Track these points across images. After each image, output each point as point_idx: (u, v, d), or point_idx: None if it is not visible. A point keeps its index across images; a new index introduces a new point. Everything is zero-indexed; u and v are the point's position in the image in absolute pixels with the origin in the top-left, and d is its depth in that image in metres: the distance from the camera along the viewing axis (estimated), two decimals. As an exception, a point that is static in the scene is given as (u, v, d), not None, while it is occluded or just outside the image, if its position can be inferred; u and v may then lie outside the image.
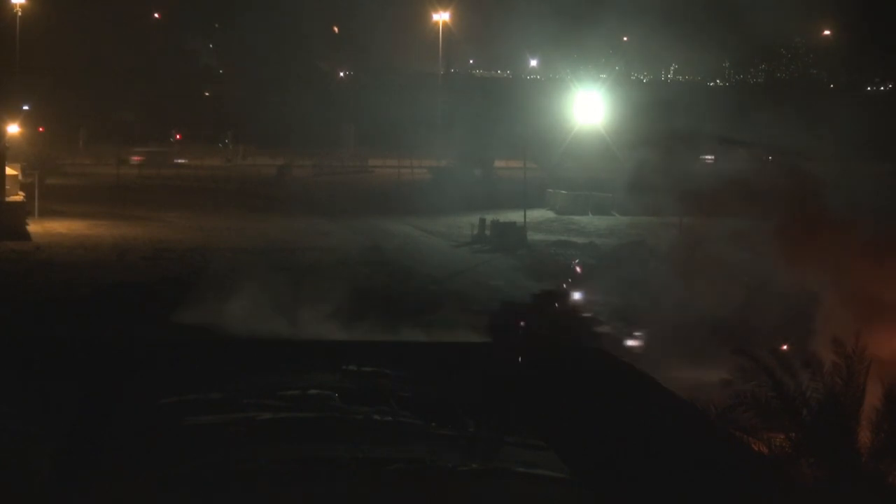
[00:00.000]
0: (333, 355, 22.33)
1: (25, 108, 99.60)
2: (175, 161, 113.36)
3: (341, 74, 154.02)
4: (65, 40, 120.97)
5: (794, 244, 52.00)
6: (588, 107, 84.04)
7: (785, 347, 22.09)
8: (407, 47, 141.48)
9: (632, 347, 44.89)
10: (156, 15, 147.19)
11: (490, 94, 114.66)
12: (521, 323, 45.11)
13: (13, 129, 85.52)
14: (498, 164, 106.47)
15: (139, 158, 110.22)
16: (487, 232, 75.51)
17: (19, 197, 78.57)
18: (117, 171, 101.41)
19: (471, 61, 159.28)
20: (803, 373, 19.50)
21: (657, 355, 40.94)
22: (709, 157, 78.74)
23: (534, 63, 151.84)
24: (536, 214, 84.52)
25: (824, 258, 44.67)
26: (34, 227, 74.29)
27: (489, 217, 77.15)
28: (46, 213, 77.88)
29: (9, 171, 79.41)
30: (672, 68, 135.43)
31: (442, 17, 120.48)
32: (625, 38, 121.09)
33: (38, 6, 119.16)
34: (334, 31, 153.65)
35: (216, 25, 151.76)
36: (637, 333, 46.48)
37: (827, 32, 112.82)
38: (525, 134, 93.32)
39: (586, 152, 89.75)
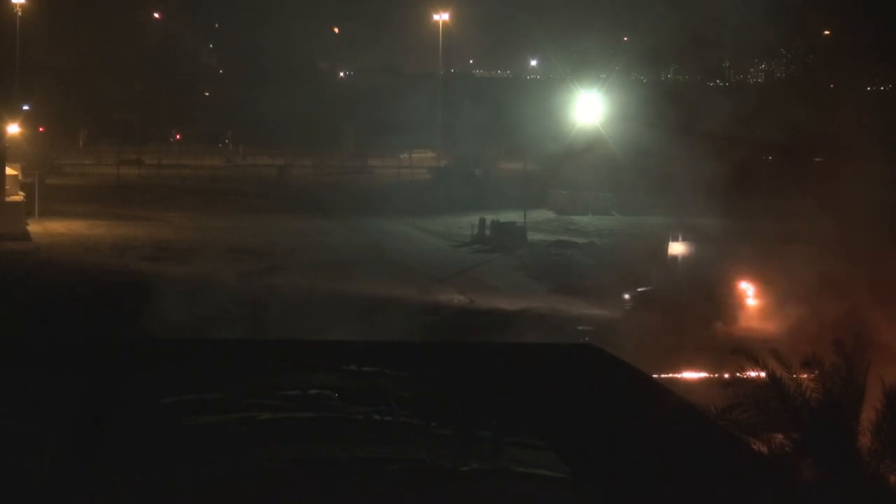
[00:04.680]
0: (333, 355, 22.31)
1: (25, 108, 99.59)
2: None
3: (341, 74, 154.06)
4: (65, 40, 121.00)
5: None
6: (588, 107, 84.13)
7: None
8: (407, 47, 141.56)
9: None
10: (156, 15, 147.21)
11: (490, 94, 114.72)
12: None
13: (13, 129, 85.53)
14: (498, 164, 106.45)
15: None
16: (487, 232, 75.58)
17: (19, 197, 78.64)
18: (117, 171, 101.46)
19: (471, 61, 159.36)
20: (803, 372, 19.52)
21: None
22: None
23: (534, 63, 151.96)
24: (536, 214, 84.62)
25: None
26: (34, 227, 74.35)
27: (489, 217, 77.20)
28: (46, 213, 77.97)
29: (9, 171, 79.49)
30: (672, 68, 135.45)
31: (442, 17, 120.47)
32: (625, 39, 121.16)
33: (39, 6, 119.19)
34: (334, 31, 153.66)
35: (216, 25, 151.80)
36: None
37: (827, 32, 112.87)
38: (525, 134, 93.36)
39: (587, 151, 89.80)
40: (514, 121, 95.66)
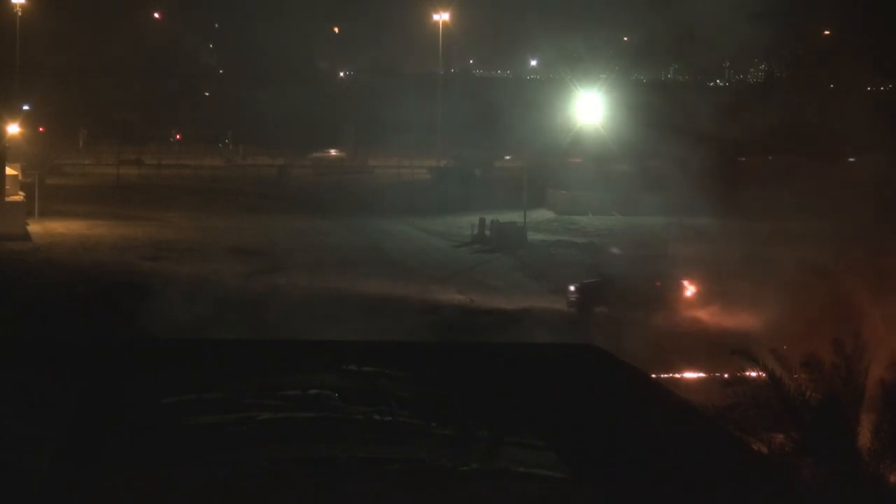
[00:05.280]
0: (333, 355, 22.31)
1: (25, 108, 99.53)
2: None
3: (341, 74, 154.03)
4: (65, 40, 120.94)
5: None
6: (588, 107, 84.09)
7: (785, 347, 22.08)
8: (407, 47, 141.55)
9: None
10: (156, 15, 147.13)
11: (490, 94, 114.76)
12: None
13: (13, 129, 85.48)
14: (498, 164, 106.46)
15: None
16: (487, 232, 75.58)
17: (19, 197, 78.61)
18: (117, 171, 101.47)
19: (471, 61, 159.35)
20: (803, 372, 19.49)
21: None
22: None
23: (534, 63, 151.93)
24: (536, 214, 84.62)
25: None
26: (34, 227, 74.34)
27: (489, 217, 77.18)
28: (46, 213, 77.95)
29: (9, 171, 79.45)
30: (672, 68, 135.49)
31: (442, 17, 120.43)
32: (625, 39, 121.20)
33: (39, 6, 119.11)
34: (334, 31, 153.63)
35: (216, 25, 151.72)
36: None
37: (827, 32, 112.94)
38: (525, 134, 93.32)
39: (587, 152, 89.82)
40: (514, 121, 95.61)
